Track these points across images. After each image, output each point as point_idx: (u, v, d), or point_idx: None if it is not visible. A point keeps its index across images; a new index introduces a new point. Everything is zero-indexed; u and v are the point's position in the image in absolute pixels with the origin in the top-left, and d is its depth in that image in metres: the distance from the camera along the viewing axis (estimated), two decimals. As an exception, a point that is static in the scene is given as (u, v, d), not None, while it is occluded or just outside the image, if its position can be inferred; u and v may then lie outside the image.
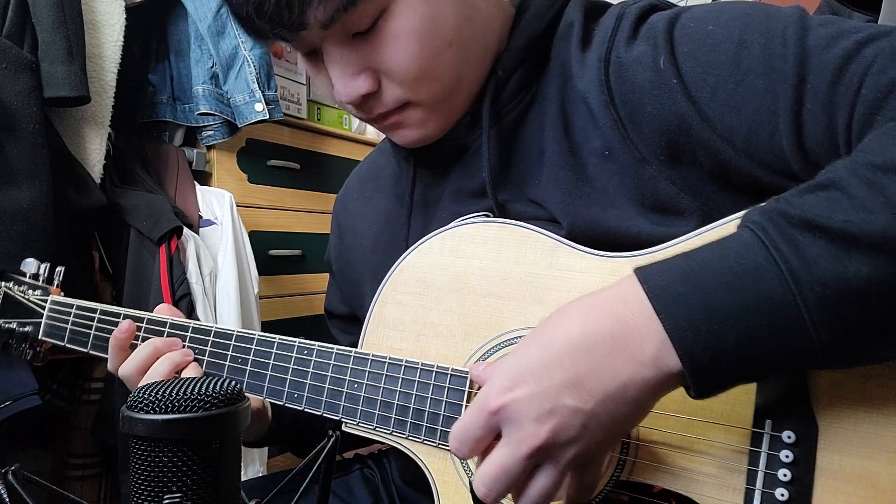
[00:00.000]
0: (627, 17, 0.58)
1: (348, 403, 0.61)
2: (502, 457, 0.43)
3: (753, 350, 0.39)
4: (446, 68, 0.59)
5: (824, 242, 0.38)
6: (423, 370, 0.57)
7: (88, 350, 0.74)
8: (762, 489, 0.46)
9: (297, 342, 0.64)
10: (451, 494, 0.57)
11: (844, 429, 0.45)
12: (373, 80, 0.59)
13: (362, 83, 0.58)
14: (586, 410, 0.41)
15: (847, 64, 0.46)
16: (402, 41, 0.56)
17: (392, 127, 0.64)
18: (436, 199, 0.70)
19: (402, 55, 0.57)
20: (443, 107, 0.62)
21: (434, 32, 0.57)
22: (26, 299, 0.78)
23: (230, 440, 0.33)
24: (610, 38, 0.57)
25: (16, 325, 0.78)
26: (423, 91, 0.60)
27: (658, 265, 0.42)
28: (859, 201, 0.38)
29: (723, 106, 0.51)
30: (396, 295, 0.62)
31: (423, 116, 0.62)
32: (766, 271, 0.38)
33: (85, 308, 0.75)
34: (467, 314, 0.58)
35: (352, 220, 0.81)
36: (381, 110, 0.61)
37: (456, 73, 0.60)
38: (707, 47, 0.53)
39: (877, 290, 0.37)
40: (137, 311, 0.72)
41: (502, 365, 0.45)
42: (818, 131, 0.48)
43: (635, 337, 0.41)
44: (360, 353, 0.61)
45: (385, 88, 0.59)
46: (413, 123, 0.63)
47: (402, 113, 0.62)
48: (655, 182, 0.55)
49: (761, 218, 0.40)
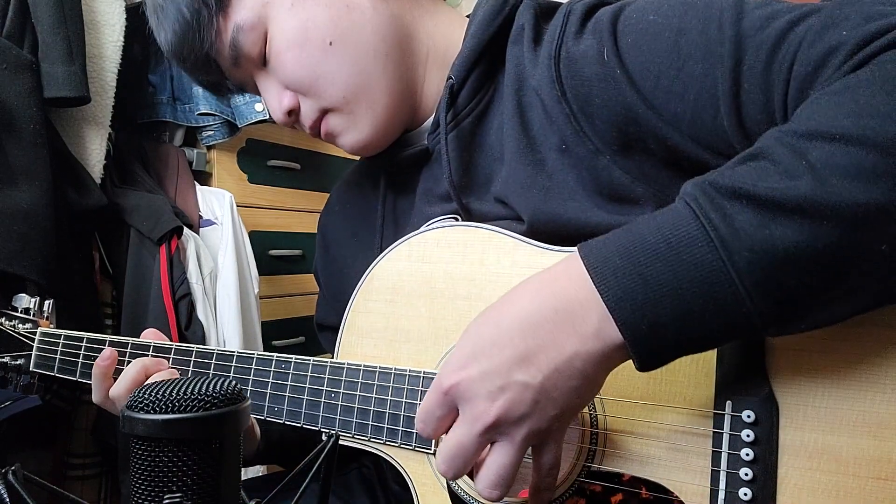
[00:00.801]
0: (575, 13, 0.59)
1: (326, 413, 0.61)
2: (458, 434, 0.44)
3: (691, 318, 0.40)
4: (337, 68, 0.63)
5: (751, 210, 0.39)
6: (396, 375, 0.58)
7: (77, 378, 0.75)
8: (727, 470, 0.47)
9: (274, 357, 0.64)
10: (430, 496, 0.58)
11: (804, 405, 0.45)
12: (291, 98, 0.66)
13: (283, 101, 0.66)
14: (535, 385, 0.42)
15: (780, 42, 0.47)
16: (284, 54, 0.64)
17: (328, 137, 0.69)
18: (407, 205, 0.72)
19: (289, 66, 0.64)
20: (360, 108, 0.65)
21: (307, 37, 0.63)
22: (17, 333, 0.81)
23: (230, 440, 0.33)
24: (559, 34, 0.59)
25: (8, 359, 0.81)
26: (327, 94, 0.65)
27: (598, 241, 0.43)
28: (783, 167, 0.39)
29: (666, 93, 0.53)
30: (368, 303, 0.63)
31: (344, 121, 0.66)
32: (698, 240, 0.39)
33: (72, 337, 0.76)
34: (437, 318, 0.59)
35: (333, 232, 0.83)
36: (307, 123, 0.68)
37: (353, 72, 0.64)
38: (649, 36, 0.54)
39: (805, 253, 0.38)
40: (121, 338, 0.73)
41: (456, 347, 0.46)
42: (756, 110, 0.49)
43: (578, 311, 0.42)
44: (335, 363, 0.61)
45: (301, 103, 0.67)
46: (342, 129, 0.67)
47: (326, 122, 0.67)
48: (610, 172, 0.56)
49: (694, 189, 0.41)
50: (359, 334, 0.63)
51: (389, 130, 0.69)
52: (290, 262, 1.77)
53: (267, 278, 1.65)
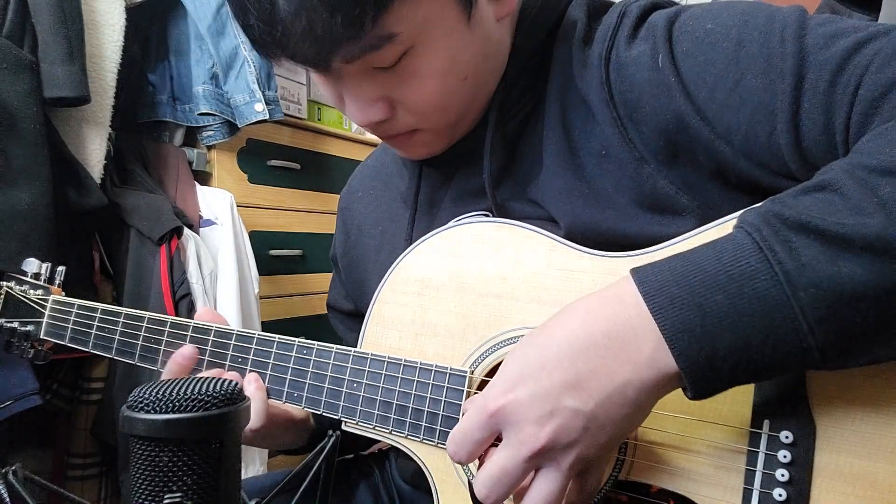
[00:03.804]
0: (629, 16, 0.58)
1: (347, 403, 0.61)
2: (503, 459, 0.43)
3: (749, 351, 0.39)
4: (460, 101, 0.60)
5: (819, 244, 0.38)
6: (421, 369, 0.57)
7: (90, 349, 0.74)
8: (760, 489, 0.46)
9: (296, 342, 0.64)
10: (450, 493, 0.57)
11: (842, 429, 0.45)
12: (387, 109, 0.59)
13: (378, 111, 0.59)
14: (586, 412, 0.41)
15: (846, 63, 0.46)
16: (424, 80, 0.56)
17: (397, 144, 0.65)
18: (439, 199, 0.70)
19: (422, 92, 0.57)
20: (450, 131, 0.63)
21: (452, 71, 0.57)
22: (28, 299, 0.79)
23: (230, 440, 0.33)
24: (611, 36, 0.57)
25: (17, 325, 0.78)
26: (435, 121, 0.60)
27: (654, 266, 0.42)
28: (854, 203, 0.39)
29: (721, 105, 0.51)
30: (395, 295, 0.62)
31: (430, 139, 0.63)
32: (761, 273, 0.39)
33: (86, 307, 0.75)
34: (465, 314, 0.58)
35: (357, 219, 0.81)
36: (391, 133, 0.62)
37: (468, 104, 0.61)
38: (706, 46, 0.52)
39: (872, 291, 0.37)
40: (139, 311, 0.72)
41: (501, 369, 0.45)
42: (816, 130, 0.48)
43: (632, 338, 0.41)
44: (359, 353, 0.61)
45: (398, 116, 0.60)
46: (420, 144, 0.64)
47: (411, 136, 0.62)
48: (654, 181, 0.55)
49: (756, 219, 0.40)
50: (385, 325, 0.62)
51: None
52: (290, 262, 1.77)
53: (267, 278, 1.65)
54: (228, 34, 1.45)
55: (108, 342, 0.73)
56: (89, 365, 1.27)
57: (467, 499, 0.56)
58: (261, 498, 0.41)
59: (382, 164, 0.81)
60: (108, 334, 0.73)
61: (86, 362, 1.27)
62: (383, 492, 0.81)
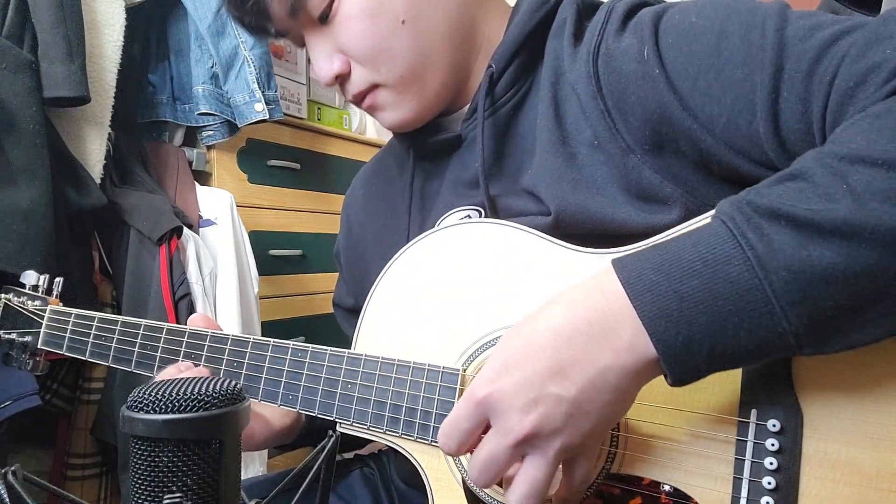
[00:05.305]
0: (617, 11, 0.60)
1: (342, 403, 0.61)
2: (491, 445, 0.44)
3: (725, 335, 0.40)
4: (402, 47, 0.63)
5: (790, 230, 0.39)
6: (414, 369, 0.58)
7: (87, 357, 0.75)
8: (749, 478, 0.46)
9: (291, 344, 0.64)
10: (444, 491, 0.58)
11: (829, 416, 0.45)
12: (342, 62, 0.65)
13: (334, 64, 0.65)
14: (569, 398, 0.42)
15: (823, 54, 0.47)
16: (353, 21, 0.62)
17: (370, 109, 0.69)
18: (434, 190, 0.72)
19: (353, 34, 0.63)
20: (412, 89, 0.66)
21: (382, 10, 0.62)
22: (25, 310, 0.80)
23: (230, 440, 0.33)
24: (599, 31, 0.59)
25: (15, 336, 0.80)
26: (384, 71, 0.65)
27: (633, 255, 0.44)
28: (823, 190, 0.40)
29: (703, 95, 0.53)
30: (390, 294, 0.63)
31: (392, 99, 0.67)
32: (734, 258, 0.40)
33: (83, 316, 0.76)
34: (459, 314, 0.59)
35: (358, 215, 0.83)
36: (353, 91, 0.67)
37: (416, 54, 0.64)
38: (689, 38, 0.54)
39: (841, 274, 0.38)
40: (135, 319, 0.73)
41: (488, 360, 0.46)
42: (794, 119, 0.49)
43: (612, 325, 0.42)
44: (352, 354, 0.61)
45: (353, 70, 0.66)
46: (388, 105, 0.67)
47: (374, 95, 0.67)
48: (640, 171, 0.56)
49: (731, 208, 0.42)
50: (379, 324, 0.63)
51: (431, 112, 0.69)
52: (289, 262, 1.77)
53: (267, 278, 1.65)
54: (228, 34, 1.45)
55: (104, 350, 0.73)
56: (89, 365, 1.27)
57: (461, 497, 0.57)
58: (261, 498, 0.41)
59: (383, 163, 0.83)
60: (105, 342, 0.73)
61: (86, 363, 1.27)
62: (382, 492, 0.81)
